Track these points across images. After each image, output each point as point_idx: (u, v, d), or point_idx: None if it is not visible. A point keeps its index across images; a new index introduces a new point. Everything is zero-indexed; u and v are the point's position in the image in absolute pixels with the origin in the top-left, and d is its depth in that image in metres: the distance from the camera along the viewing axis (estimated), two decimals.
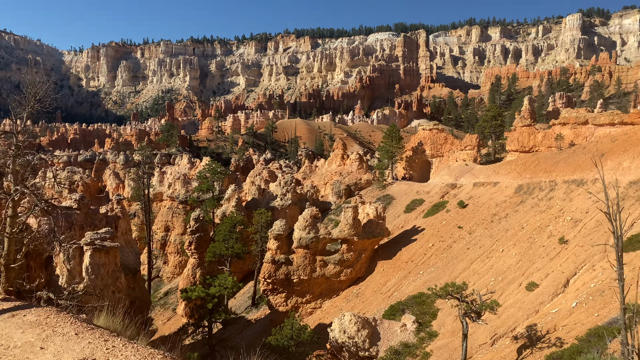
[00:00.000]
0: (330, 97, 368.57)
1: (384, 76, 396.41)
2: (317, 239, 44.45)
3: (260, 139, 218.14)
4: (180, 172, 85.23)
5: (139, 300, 34.72)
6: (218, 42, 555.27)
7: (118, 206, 38.99)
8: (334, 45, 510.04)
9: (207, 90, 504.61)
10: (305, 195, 63.85)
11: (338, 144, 71.71)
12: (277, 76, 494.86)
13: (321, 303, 46.00)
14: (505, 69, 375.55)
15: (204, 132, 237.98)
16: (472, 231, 42.11)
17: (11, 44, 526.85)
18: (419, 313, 35.68)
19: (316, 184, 68.27)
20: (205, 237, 58.68)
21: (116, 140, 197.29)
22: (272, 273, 44.98)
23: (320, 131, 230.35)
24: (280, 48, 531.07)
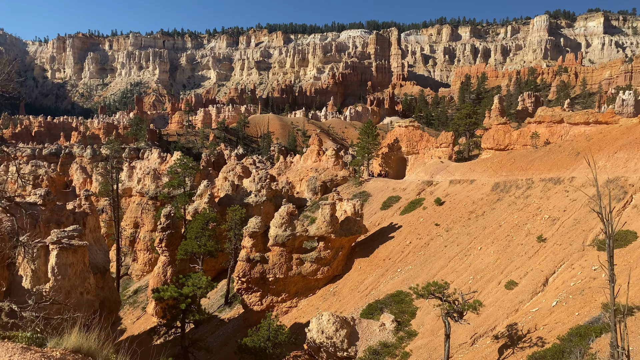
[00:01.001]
0: (303, 92, 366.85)
1: (356, 73, 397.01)
2: (294, 236, 43.56)
3: (232, 134, 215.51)
4: (150, 167, 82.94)
5: (108, 301, 33.19)
6: (189, 35, 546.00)
7: (86, 202, 37.23)
8: (307, 41, 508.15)
9: (177, 84, 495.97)
10: (280, 191, 62.82)
11: (314, 140, 70.85)
12: (249, 71, 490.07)
13: (297, 302, 45.16)
14: (475, 68, 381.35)
15: (174, 127, 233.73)
16: (450, 229, 41.93)
17: None
18: (398, 312, 35.23)
19: (291, 180, 67.29)
20: (177, 234, 57.07)
21: (83, 133, 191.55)
22: (247, 272, 43.87)
23: (293, 127, 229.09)
24: (252, 42, 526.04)
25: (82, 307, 25.45)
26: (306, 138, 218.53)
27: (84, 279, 25.69)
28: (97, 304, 26.24)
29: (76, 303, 25.22)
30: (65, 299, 25.27)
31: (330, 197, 46.90)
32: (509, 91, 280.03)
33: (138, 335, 58.33)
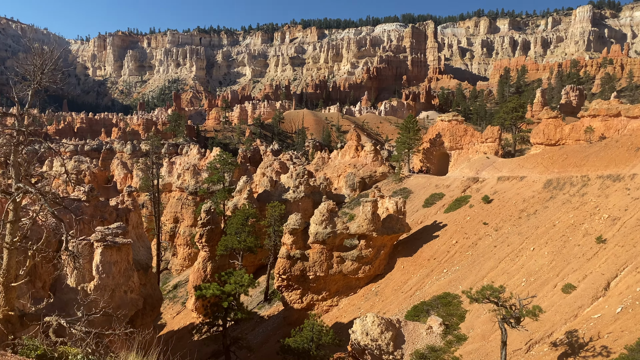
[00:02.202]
0: (337, 88, 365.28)
1: (391, 67, 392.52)
2: (334, 234, 42.57)
3: (268, 130, 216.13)
4: (189, 162, 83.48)
5: (150, 298, 33.00)
6: (225, 32, 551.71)
7: (129, 198, 37.23)
8: (341, 36, 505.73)
9: (214, 81, 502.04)
10: (318, 187, 61.96)
11: (352, 135, 69.59)
12: (283, 67, 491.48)
13: (338, 301, 44.23)
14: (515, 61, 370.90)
15: (211, 123, 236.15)
16: (499, 228, 40.11)
17: (18, 33, 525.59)
18: (445, 315, 33.82)
19: (329, 176, 66.29)
20: (217, 229, 56.97)
21: (123, 129, 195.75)
22: (287, 269, 43.19)
23: (328, 122, 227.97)
24: (287, 38, 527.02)
25: (126, 306, 25.15)
26: (340, 133, 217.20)
27: (128, 277, 25.38)
28: (140, 302, 25.92)
29: (120, 302, 24.94)
30: (110, 297, 25.00)
31: (371, 194, 45.70)
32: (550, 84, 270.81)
33: (178, 331, 58.68)
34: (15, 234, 9.43)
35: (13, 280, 9.48)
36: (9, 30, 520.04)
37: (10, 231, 9.34)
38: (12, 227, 9.41)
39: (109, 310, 19.94)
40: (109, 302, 25.85)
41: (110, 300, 25.55)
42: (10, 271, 9.50)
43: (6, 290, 9.57)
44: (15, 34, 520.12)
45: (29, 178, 9.94)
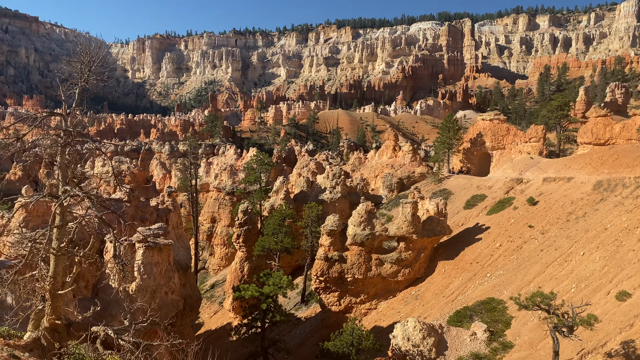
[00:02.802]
0: (372, 87, 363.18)
1: (427, 66, 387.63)
2: (373, 235, 41.80)
3: (302, 130, 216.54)
4: (226, 163, 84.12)
5: (190, 298, 33.05)
6: (260, 33, 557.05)
7: (169, 199, 37.48)
8: (376, 35, 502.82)
9: (249, 82, 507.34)
10: (355, 188, 61.26)
11: (390, 135, 68.53)
12: (317, 67, 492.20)
13: (376, 304, 43.44)
14: (555, 59, 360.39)
15: (247, 123, 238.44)
16: (546, 231, 38.50)
17: (62, 37, 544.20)
18: (490, 321, 32.60)
19: (366, 177, 65.49)
20: (254, 230, 57.05)
21: (161, 130, 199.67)
22: (325, 271, 42.67)
23: (362, 122, 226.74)
24: (321, 39, 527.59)
25: (167, 307, 25.11)
26: (375, 133, 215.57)
27: (168, 279, 25.35)
28: (181, 304, 25.86)
29: (161, 303, 24.92)
30: (151, 299, 24.99)
31: (410, 196, 44.72)
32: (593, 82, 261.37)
33: (215, 330, 59.04)
34: (62, 239, 9.19)
35: (60, 288, 9.24)
36: (53, 35, 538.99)
37: (57, 236, 9.11)
38: (58, 232, 9.20)
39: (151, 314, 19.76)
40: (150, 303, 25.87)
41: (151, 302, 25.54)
42: (57, 278, 9.26)
43: (53, 298, 9.34)
44: (59, 39, 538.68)
45: (75, 180, 9.71)
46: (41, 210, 28.49)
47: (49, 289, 9.24)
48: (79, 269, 9.95)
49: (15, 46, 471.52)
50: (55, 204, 9.09)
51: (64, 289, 9.39)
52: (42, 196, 9.44)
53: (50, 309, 9.43)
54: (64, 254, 9.36)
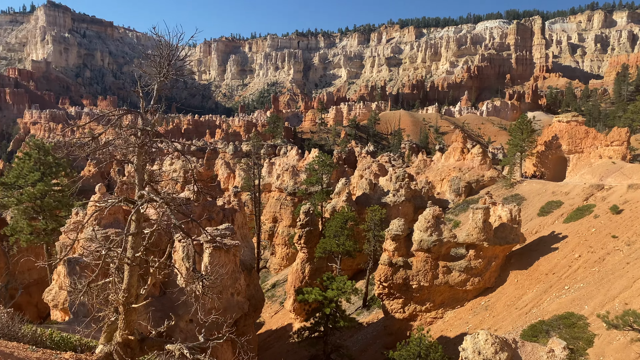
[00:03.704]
0: (435, 88, 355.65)
1: (493, 66, 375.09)
2: (440, 242, 40.06)
3: (363, 131, 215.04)
4: (288, 163, 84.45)
5: (253, 299, 32.85)
6: (322, 34, 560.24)
7: (235, 199, 37.58)
8: (440, 35, 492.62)
9: (310, 83, 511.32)
10: (420, 191, 59.43)
11: (457, 137, 66.02)
12: (379, 67, 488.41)
13: (443, 313, 41.67)
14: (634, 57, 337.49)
15: (307, 124, 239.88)
16: (632, 242, 35.39)
17: (134, 41, 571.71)
18: (569, 337, 30.21)
19: (431, 180, 63.44)
20: (315, 231, 56.58)
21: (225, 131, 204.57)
22: (389, 276, 41.40)
23: (425, 123, 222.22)
24: (384, 39, 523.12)
25: (233, 309, 24.87)
26: (439, 135, 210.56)
27: (235, 280, 25.10)
28: (246, 305, 25.56)
29: (227, 304, 24.70)
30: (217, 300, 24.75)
31: (481, 201, 42.55)
32: None
33: (276, 330, 59.08)
34: (138, 248, 8.75)
35: (134, 301, 8.83)
36: (126, 39, 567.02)
37: (132, 245, 8.68)
38: (134, 240, 8.77)
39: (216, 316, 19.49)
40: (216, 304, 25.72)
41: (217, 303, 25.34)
42: (131, 290, 8.84)
43: (126, 312, 8.94)
44: (131, 42, 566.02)
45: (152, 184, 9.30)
46: (112, 209, 29.12)
47: (122, 301, 8.83)
48: (154, 280, 9.53)
49: (91, 50, 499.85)
50: (132, 210, 8.68)
51: (138, 302, 8.97)
52: (118, 201, 9.12)
53: (123, 323, 9.03)
54: (138, 264, 8.95)
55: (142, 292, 9.17)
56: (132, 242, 8.83)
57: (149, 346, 9.63)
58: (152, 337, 9.88)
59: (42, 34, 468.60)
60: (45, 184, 36.86)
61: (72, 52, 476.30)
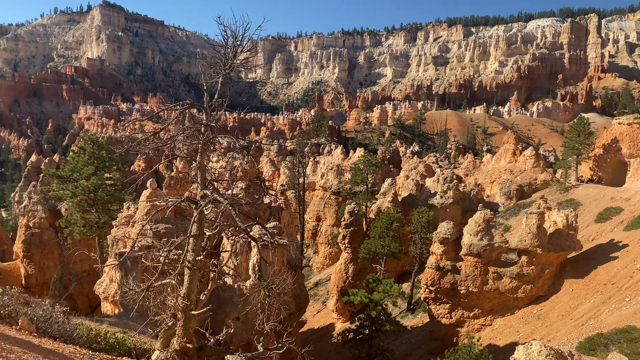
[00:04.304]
0: (483, 87, 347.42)
1: (544, 65, 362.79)
2: (491, 247, 38.70)
3: (408, 131, 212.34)
4: (333, 162, 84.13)
5: (298, 298, 32.69)
6: (367, 33, 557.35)
7: (282, 197, 37.51)
8: (489, 34, 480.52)
9: (354, 82, 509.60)
10: (468, 194, 57.85)
11: (509, 138, 63.82)
12: (425, 67, 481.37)
13: (491, 320, 40.27)
14: None
15: (351, 123, 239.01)
16: None
17: (183, 39, 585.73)
18: (631, 353, 28.42)
19: (480, 182, 61.61)
20: (359, 231, 55.98)
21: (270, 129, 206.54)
22: (436, 280, 40.36)
23: (473, 124, 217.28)
24: (431, 38, 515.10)
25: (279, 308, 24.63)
26: (486, 136, 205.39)
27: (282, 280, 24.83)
28: (293, 305, 25.33)
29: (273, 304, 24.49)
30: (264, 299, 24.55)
31: (535, 205, 40.89)
32: None
33: (317, 330, 58.86)
34: (199, 251, 8.46)
35: (194, 307, 8.54)
36: (176, 38, 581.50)
37: (193, 247, 8.37)
38: (195, 242, 8.48)
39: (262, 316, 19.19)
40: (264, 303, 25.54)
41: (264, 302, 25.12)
42: (191, 295, 8.55)
43: (185, 318, 8.65)
44: (180, 41, 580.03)
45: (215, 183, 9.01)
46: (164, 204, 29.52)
47: (181, 307, 8.54)
48: (214, 285, 9.26)
49: (143, 48, 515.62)
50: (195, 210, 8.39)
51: (197, 309, 8.67)
52: (180, 201, 8.90)
53: (181, 330, 8.76)
54: (199, 268, 8.67)
55: (202, 298, 8.88)
56: (193, 244, 8.53)
57: (207, 355, 9.34)
58: (210, 346, 9.62)
59: (97, 32, 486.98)
60: (99, 177, 37.91)
61: (125, 51, 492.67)
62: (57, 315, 11.19)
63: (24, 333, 9.20)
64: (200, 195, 8.57)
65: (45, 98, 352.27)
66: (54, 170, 43.54)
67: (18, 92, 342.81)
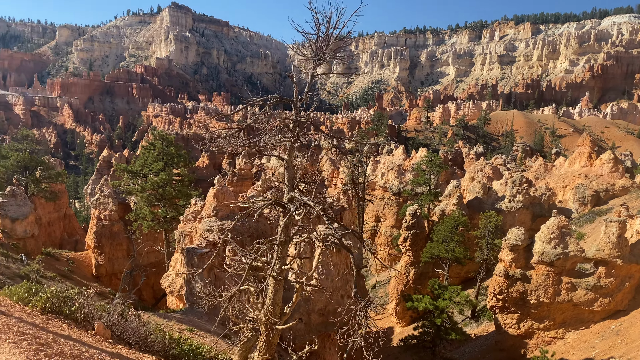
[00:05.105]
0: (552, 87, 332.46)
1: (620, 65, 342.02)
2: (566, 255, 36.40)
3: (471, 131, 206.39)
4: (394, 162, 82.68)
5: None
6: (430, 32, 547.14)
7: (344, 196, 36.94)
8: (559, 31, 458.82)
9: (415, 81, 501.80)
10: (539, 198, 54.99)
11: (585, 141, 60.17)
12: (490, 65, 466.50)
13: (563, 333, 37.95)
14: None
15: (412, 123, 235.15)
16: None
17: (247, 40, 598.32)
18: None
19: (552, 187, 58.43)
20: (421, 234, 54.56)
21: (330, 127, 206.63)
22: (504, 289, 38.49)
23: (541, 125, 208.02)
24: (496, 36, 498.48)
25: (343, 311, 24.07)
26: (555, 137, 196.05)
27: (346, 282, 24.31)
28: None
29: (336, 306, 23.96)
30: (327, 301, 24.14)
31: (615, 213, 38.10)
32: None
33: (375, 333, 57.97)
34: (285, 259, 7.93)
35: (278, 321, 8.03)
36: (240, 38, 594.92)
37: (280, 254, 7.86)
38: (281, 249, 7.96)
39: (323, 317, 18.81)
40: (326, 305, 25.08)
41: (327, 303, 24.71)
42: (276, 308, 8.03)
43: (268, 332, 8.17)
44: (244, 41, 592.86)
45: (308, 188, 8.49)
46: (229, 201, 29.67)
47: (264, 320, 8.04)
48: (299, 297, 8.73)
49: (209, 48, 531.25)
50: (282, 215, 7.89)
51: (282, 322, 8.15)
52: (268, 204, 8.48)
53: (264, 346, 8.29)
54: (285, 278, 8.14)
55: (287, 311, 8.34)
56: (279, 252, 7.99)
57: None
58: None
59: (166, 33, 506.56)
60: (167, 173, 38.87)
61: (192, 50, 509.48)
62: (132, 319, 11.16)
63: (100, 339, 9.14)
64: (288, 198, 8.03)
65: (117, 96, 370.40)
66: (125, 165, 45.16)
67: (92, 90, 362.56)
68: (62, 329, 8.95)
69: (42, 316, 9.46)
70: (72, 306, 9.88)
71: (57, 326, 9.07)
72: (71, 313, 9.77)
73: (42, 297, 9.79)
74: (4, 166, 57.38)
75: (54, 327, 8.79)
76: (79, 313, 9.79)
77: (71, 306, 9.87)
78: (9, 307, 9.35)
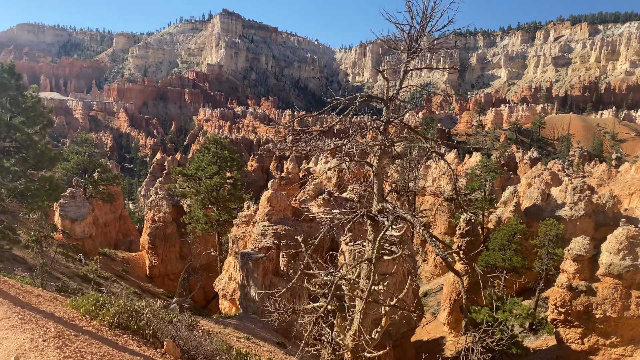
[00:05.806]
0: (611, 90, 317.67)
1: None
2: (636, 268, 34.15)
3: (525, 136, 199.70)
4: (446, 167, 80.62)
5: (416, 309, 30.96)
6: (481, 34, 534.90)
7: (398, 202, 36.08)
8: (619, 31, 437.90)
9: (465, 84, 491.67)
10: (602, 206, 52.08)
11: None
12: (544, 67, 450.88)
13: (632, 351, 35.59)
14: None
15: (462, 126, 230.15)
16: None
17: (295, 45, 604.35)
18: None
19: (617, 194, 55.27)
20: (476, 242, 52.73)
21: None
22: (567, 302, 36.53)
23: (600, 129, 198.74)
24: (551, 37, 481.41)
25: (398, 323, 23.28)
26: (616, 142, 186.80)
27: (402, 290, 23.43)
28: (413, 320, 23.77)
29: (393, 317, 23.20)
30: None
31: None
32: None
33: (426, 342, 56.38)
34: (375, 278, 7.23)
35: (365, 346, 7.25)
36: (288, 43, 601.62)
37: (368, 273, 7.18)
38: (370, 267, 7.28)
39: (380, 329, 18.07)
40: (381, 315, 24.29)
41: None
42: (362, 334, 7.33)
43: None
44: (292, 46, 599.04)
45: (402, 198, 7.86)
46: (282, 205, 29.46)
47: (351, 346, 7.39)
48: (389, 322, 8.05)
49: (257, 54, 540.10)
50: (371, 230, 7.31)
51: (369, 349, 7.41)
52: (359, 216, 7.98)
53: None
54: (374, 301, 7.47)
55: (375, 337, 7.62)
56: (367, 270, 7.34)
57: None
58: None
59: (216, 39, 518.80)
60: (221, 177, 39.23)
61: (241, 56, 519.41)
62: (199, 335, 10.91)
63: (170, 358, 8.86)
64: (378, 209, 7.40)
65: (170, 101, 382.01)
66: (180, 169, 46.00)
67: (146, 95, 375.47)
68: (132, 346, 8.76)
69: (110, 332, 9.33)
70: (139, 321, 9.72)
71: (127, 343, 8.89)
72: (139, 329, 9.62)
73: (109, 311, 9.67)
74: (64, 168, 59.75)
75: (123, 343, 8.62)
76: (148, 329, 9.60)
77: (139, 321, 9.71)
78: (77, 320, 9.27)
